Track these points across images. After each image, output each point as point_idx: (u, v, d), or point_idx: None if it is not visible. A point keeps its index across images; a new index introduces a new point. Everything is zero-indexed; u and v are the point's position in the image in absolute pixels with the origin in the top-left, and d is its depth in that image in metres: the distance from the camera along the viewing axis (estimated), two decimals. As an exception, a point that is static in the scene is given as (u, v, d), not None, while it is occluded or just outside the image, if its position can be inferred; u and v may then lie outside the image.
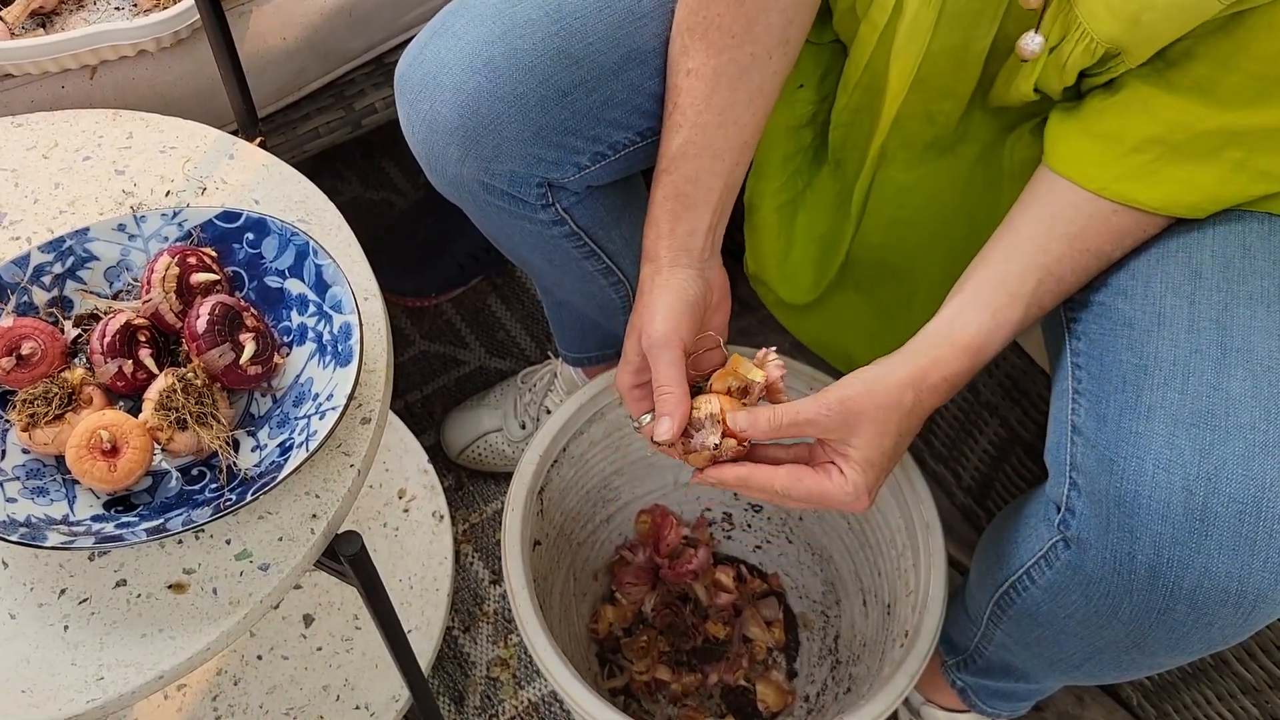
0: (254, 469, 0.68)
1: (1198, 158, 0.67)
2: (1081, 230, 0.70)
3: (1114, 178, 0.68)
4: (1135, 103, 0.68)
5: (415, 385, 1.41)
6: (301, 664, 1.02)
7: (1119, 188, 0.68)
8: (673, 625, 1.16)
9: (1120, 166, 0.68)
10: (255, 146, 0.86)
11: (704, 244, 0.78)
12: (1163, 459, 0.62)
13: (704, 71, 0.75)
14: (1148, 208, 0.69)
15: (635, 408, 0.79)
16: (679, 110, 0.76)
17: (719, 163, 0.76)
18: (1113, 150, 0.68)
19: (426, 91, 0.77)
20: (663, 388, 0.73)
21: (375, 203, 1.58)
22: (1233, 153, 0.66)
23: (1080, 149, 0.70)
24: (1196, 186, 0.68)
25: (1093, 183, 0.69)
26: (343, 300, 0.72)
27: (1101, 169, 0.69)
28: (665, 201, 0.76)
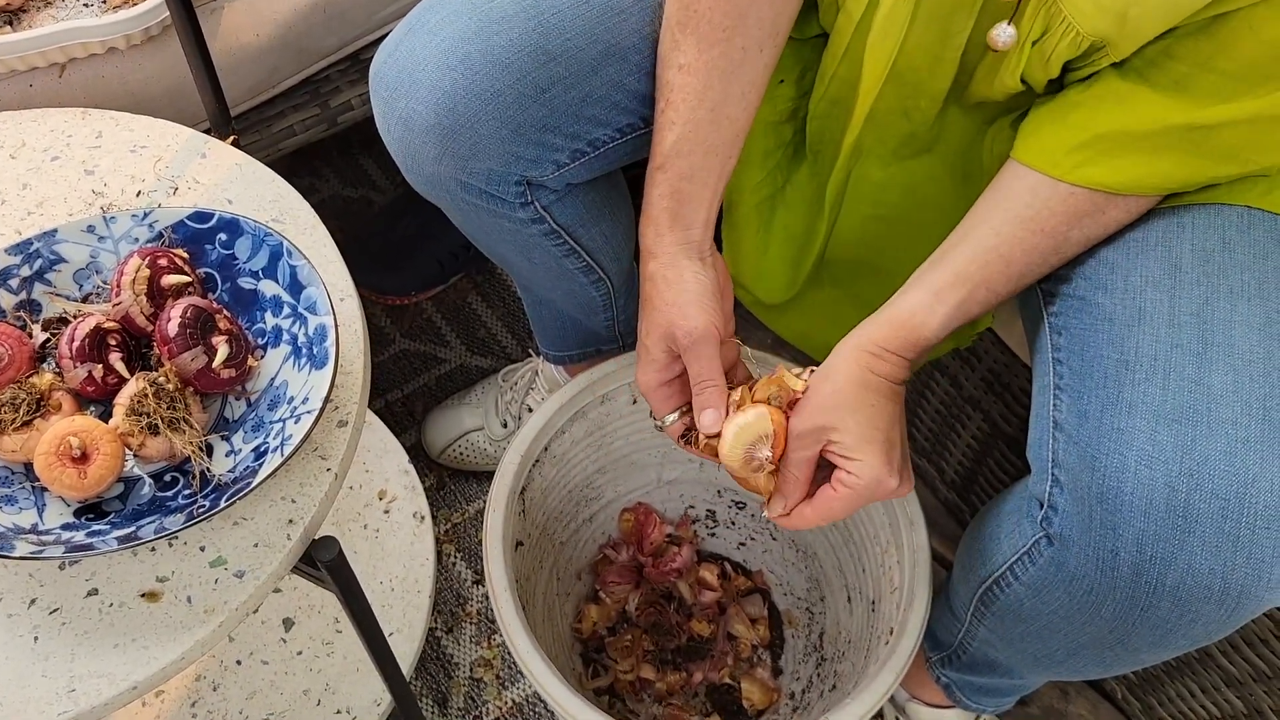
0: (228, 474, 0.67)
1: (1161, 148, 0.67)
2: (1036, 213, 0.70)
3: (1074, 164, 0.68)
4: (1110, 97, 0.68)
5: (396, 384, 1.39)
6: (281, 668, 1.01)
7: (1079, 172, 0.68)
8: (657, 624, 1.16)
9: (1081, 153, 0.68)
10: (228, 145, 0.85)
11: (702, 237, 0.77)
12: (1145, 455, 0.62)
13: (696, 66, 0.74)
14: (1106, 189, 0.68)
15: (663, 406, 0.79)
16: (672, 107, 0.75)
17: (714, 158, 0.76)
18: (1075, 137, 0.68)
19: (402, 89, 0.76)
20: (706, 382, 0.74)
21: (354, 200, 1.57)
22: (1197, 141, 0.66)
23: (1046, 139, 0.70)
24: (1157, 170, 0.68)
25: (1054, 169, 0.69)
26: (317, 301, 0.71)
27: (1063, 155, 0.69)
28: (663, 200, 0.76)
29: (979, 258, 0.71)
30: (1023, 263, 0.71)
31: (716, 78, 0.74)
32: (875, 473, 0.70)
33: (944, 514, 1.30)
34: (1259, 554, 0.60)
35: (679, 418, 0.79)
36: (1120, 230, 0.72)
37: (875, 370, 0.72)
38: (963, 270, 0.71)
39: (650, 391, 0.79)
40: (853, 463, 0.71)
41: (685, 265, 0.76)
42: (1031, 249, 0.71)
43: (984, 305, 0.72)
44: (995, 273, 0.71)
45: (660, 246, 0.76)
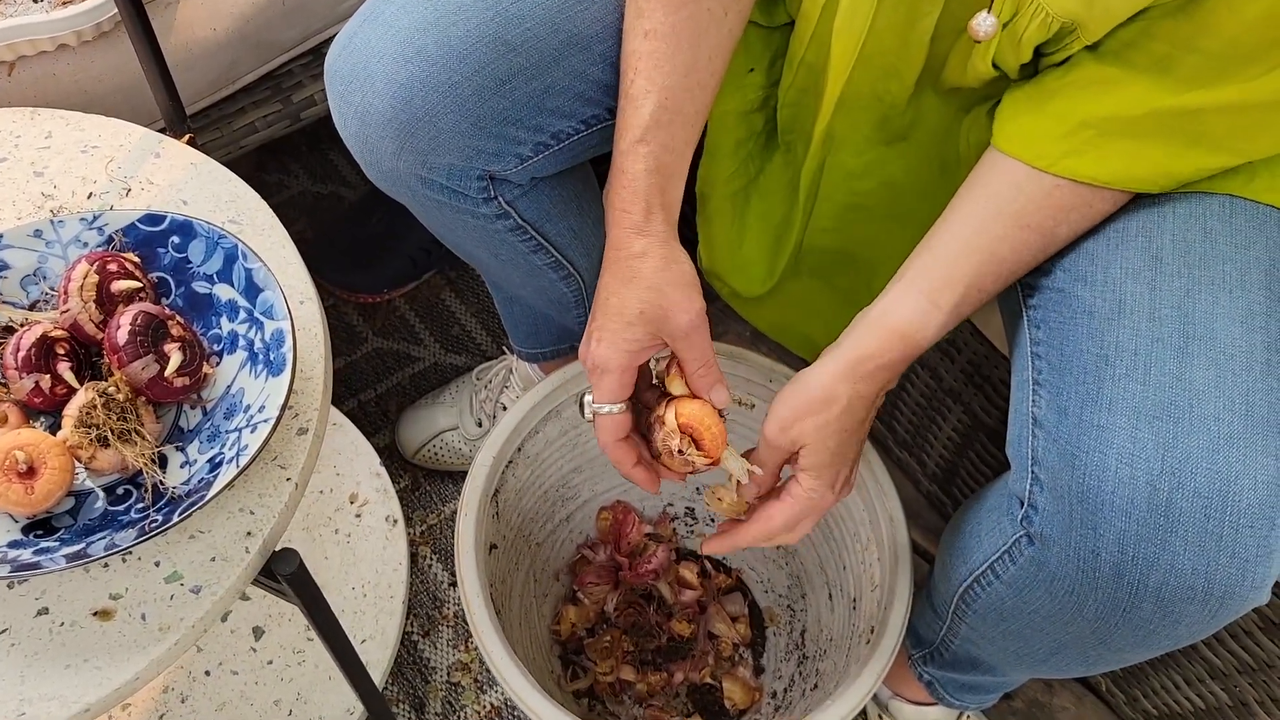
0: (182, 486, 0.64)
1: (1149, 134, 0.65)
2: (1023, 209, 0.68)
3: (1061, 154, 0.66)
4: (1091, 82, 0.66)
5: (368, 383, 1.37)
6: (252, 678, 0.99)
7: (1066, 164, 0.66)
8: (636, 624, 1.14)
9: (1067, 142, 0.66)
10: (183, 144, 0.82)
11: (677, 216, 0.75)
12: (1125, 453, 0.60)
13: (663, 30, 0.71)
14: (1095, 182, 0.67)
15: (613, 392, 0.74)
16: (642, 75, 0.72)
17: (689, 130, 0.74)
18: (1060, 126, 0.66)
19: (357, 83, 0.74)
20: (710, 363, 0.73)
21: (323, 196, 1.54)
22: (1186, 128, 0.64)
23: (1027, 127, 0.68)
24: (1146, 160, 0.66)
25: (1039, 160, 0.67)
26: (274, 305, 0.68)
27: (1049, 145, 0.67)
28: (649, 175, 0.72)
29: (969, 257, 0.69)
30: (1012, 261, 0.70)
31: (685, 41, 0.72)
32: (822, 491, 0.74)
33: (926, 507, 1.29)
34: (1243, 553, 0.58)
35: (619, 411, 0.75)
36: (1101, 221, 0.70)
37: (862, 394, 0.72)
38: (953, 272, 0.70)
39: (618, 372, 0.73)
40: (806, 476, 0.73)
41: (676, 249, 0.73)
42: (1020, 245, 0.69)
43: (975, 306, 0.71)
44: (987, 273, 0.69)
45: (651, 225, 0.73)
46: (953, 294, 0.70)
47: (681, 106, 0.72)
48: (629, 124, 0.73)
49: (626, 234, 0.73)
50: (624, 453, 0.76)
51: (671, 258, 0.73)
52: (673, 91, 0.72)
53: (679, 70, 0.72)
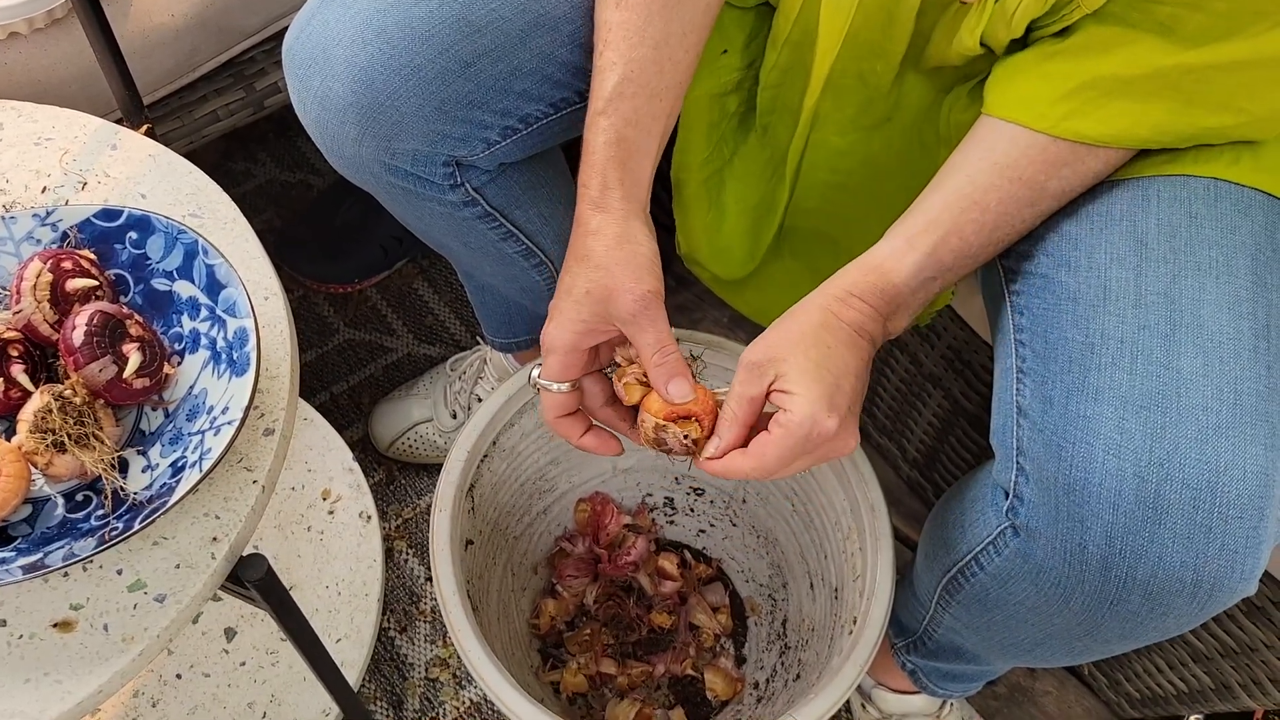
0: (144, 492, 0.62)
1: (1151, 93, 0.63)
2: (1014, 160, 0.66)
3: (1062, 115, 0.64)
4: (1093, 45, 0.64)
5: (341, 376, 1.35)
6: (224, 681, 0.97)
7: (1068, 125, 0.64)
8: (616, 617, 1.13)
9: (1068, 103, 0.64)
10: (141, 135, 0.80)
11: (646, 199, 0.72)
12: (1112, 444, 0.59)
13: (636, 2, 0.69)
14: (1096, 142, 0.65)
15: (560, 372, 0.71)
16: (611, 47, 0.70)
17: (657, 104, 0.71)
18: (1059, 87, 0.65)
19: (316, 66, 0.71)
20: (667, 348, 0.68)
21: (292, 185, 1.51)
22: (1187, 86, 0.63)
23: (1024, 90, 0.66)
24: (1147, 119, 0.64)
25: (1039, 121, 0.65)
26: (237, 302, 0.66)
27: (1049, 107, 0.65)
28: (609, 148, 0.70)
29: (953, 204, 0.67)
30: (997, 211, 0.67)
31: (657, 13, 0.69)
32: (811, 409, 0.63)
33: (907, 493, 1.28)
34: (1232, 544, 0.57)
35: (567, 389, 0.72)
36: (1084, 204, 0.68)
37: (839, 315, 0.67)
38: (935, 216, 0.67)
39: (563, 352, 0.70)
40: (790, 397, 0.64)
41: (635, 226, 0.70)
42: (1007, 197, 0.67)
43: (956, 254, 0.68)
44: (969, 220, 0.67)
45: (609, 201, 0.70)
46: (929, 236, 0.67)
47: (649, 80, 0.70)
48: (594, 96, 0.71)
49: (584, 210, 0.70)
50: (568, 428, 0.73)
51: (626, 236, 0.69)
52: (640, 64, 0.70)
53: (649, 43, 0.69)
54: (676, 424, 0.68)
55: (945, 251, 0.67)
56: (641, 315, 0.67)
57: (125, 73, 0.82)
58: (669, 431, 0.68)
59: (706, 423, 0.69)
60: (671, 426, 0.68)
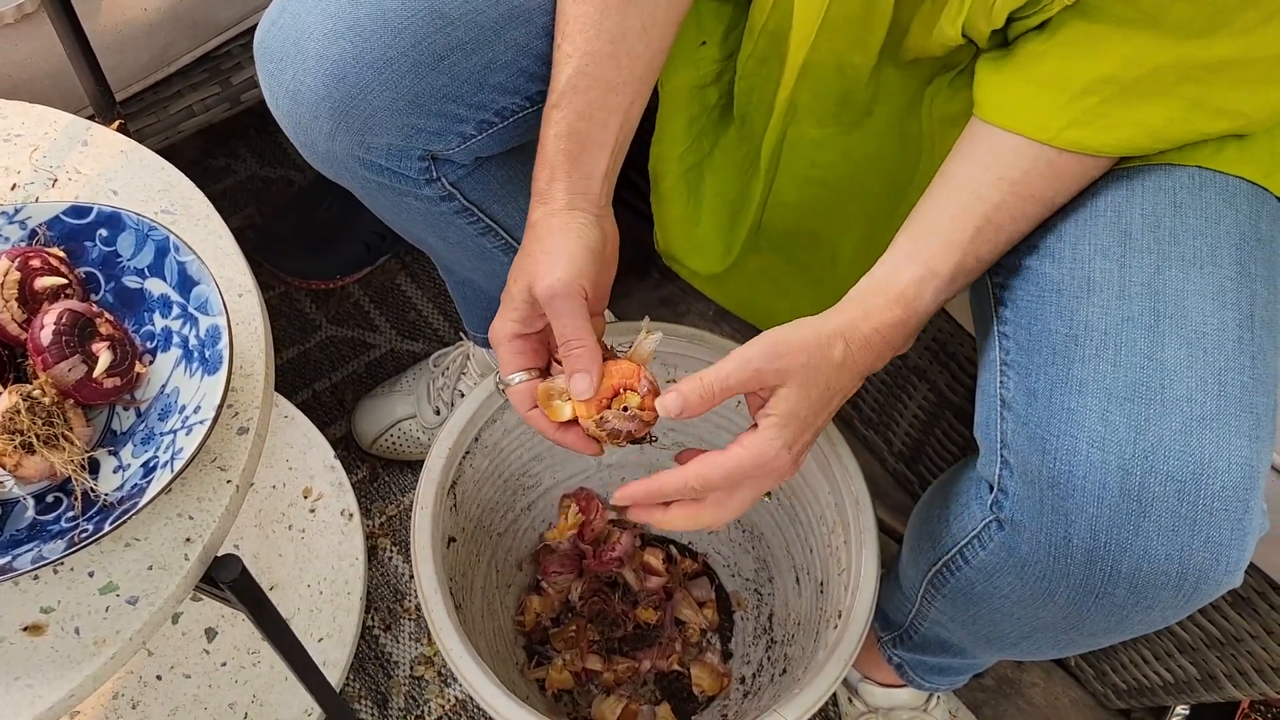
0: (115, 493, 0.61)
1: (1151, 95, 0.62)
2: (1024, 175, 0.65)
3: (1064, 125, 0.63)
4: (1080, 42, 0.63)
5: (323, 373, 1.33)
6: (205, 681, 0.96)
7: (1070, 135, 0.63)
8: (602, 612, 1.12)
9: (1069, 112, 0.63)
10: (113, 131, 0.78)
11: (600, 189, 0.71)
12: (1096, 436, 0.58)
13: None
14: (1100, 152, 0.64)
15: (511, 363, 0.70)
16: (568, 39, 0.70)
17: (613, 98, 0.70)
18: (1059, 95, 0.63)
19: (288, 60, 0.70)
20: (573, 341, 0.66)
21: (272, 180, 1.49)
22: (1187, 89, 0.62)
23: (1023, 98, 0.65)
24: (1148, 127, 0.63)
25: (1041, 132, 0.64)
26: (209, 300, 0.65)
27: (1050, 117, 0.64)
28: (559, 140, 0.69)
29: (968, 224, 0.66)
30: (1010, 229, 0.66)
31: (615, 6, 0.69)
32: (776, 454, 0.63)
33: (893, 485, 1.28)
34: (1217, 537, 0.57)
35: (527, 379, 0.71)
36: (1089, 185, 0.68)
37: (857, 357, 0.66)
38: (952, 238, 0.66)
39: (502, 343, 0.70)
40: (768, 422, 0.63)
41: (573, 217, 0.69)
42: (1019, 214, 0.66)
43: (972, 275, 0.67)
44: (984, 239, 0.66)
45: (552, 192, 0.69)
46: (949, 258, 0.66)
47: (604, 73, 0.69)
48: (550, 89, 0.70)
49: (532, 201, 0.70)
50: (540, 422, 0.71)
51: (561, 226, 0.68)
52: (595, 57, 0.69)
53: (604, 36, 0.69)
54: (611, 409, 0.66)
55: (961, 274, 0.66)
56: (550, 305, 0.66)
57: (96, 68, 0.81)
58: (610, 419, 0.66)
59: (640, 387, 0.67)
60: (609, 413, 0.66)
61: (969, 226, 0.65)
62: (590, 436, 0.69)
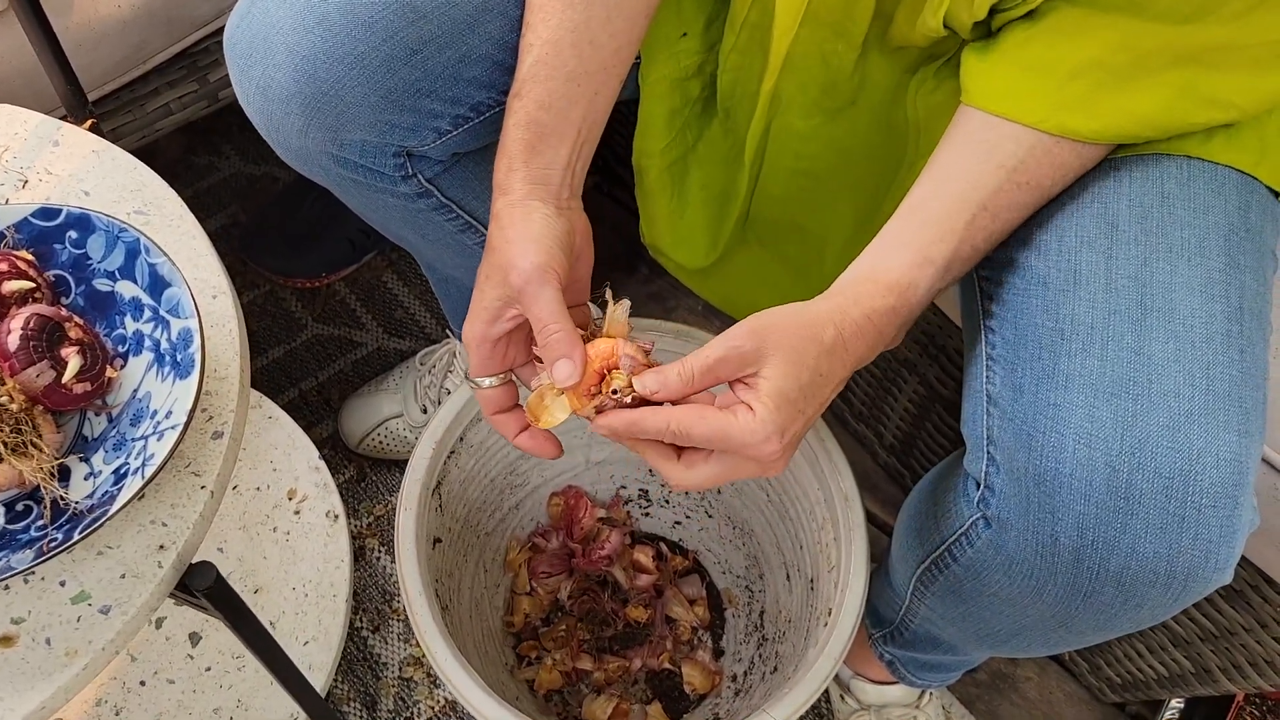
0: (85, 501, 0.60)
1: (1138, 81, 0.61)
2: (1021, 163, 0.63)
3: (1053, 108, 0.62)
4: (1066, 27, 0.62)
5: (309, 372, 1.32)
6: (189, 686, 0.95)
7: (1059, 118, 0.62)
8: (592, 612, 1.11)
9: (1058, 96, 0.61)
10: (85, 131, 0.77)
11: (562, 180, 0.68)
12: (1083, 433, 0.57)
13: None
14: (1091, 139, 0.63)
15: (484, 365, 0.68)
16: (531, 29, 0.68)
17: (575, 88, 0.68)
18: (1048, 80, 0.62)
19: (257, 55, 0.69)
20: (549, 327, 0.62)
21: (256, 178, 1.48)
22: (1177, 75, 0.60)
23: (1012, 83, 0.63)
24: (1138, 115, 0.62)
25: (1030, 116, 0.62)
26: (181, 303, 0.64)
27: (1038, 101, 0.62)
28: (517, 130, 0.67)
29: (962, 211, 0.63)
30: (1005, 218, 0.64)
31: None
32: (765, 437, 0.58)
33: (884, 479, 1.27)
34: (1205, 534, 0.56)
35: (498, 383, 0.68)
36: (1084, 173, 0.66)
37: (849, 344, 0.62)
38: (948, 225, 0.63)
39: (475, 345, 0.67)
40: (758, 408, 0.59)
41: (535, 207, 0.66)
42: (1015, 202, 0.64)
43: (965, 263, 0.65)
44: (980, 228, 0.64)
45: (511, 182, 0.67)
46: (944, 247, 0.63)
47: (564, 62, 0.67)
48: (514, 79, 0.68)
49: (494, 197, 0.68)
50: (506, 425, 0.69)
51: (525, 216, 0.65)
52: (555, 46, 0.67)
53: (566, 25, 0.67)
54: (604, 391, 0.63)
55: (957, 263, 0.64)
56: (525, 291, 0.63)
57: (66, 66, 0.80)
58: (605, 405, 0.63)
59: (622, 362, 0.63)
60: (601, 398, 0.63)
61: (964, 214, 0.63)
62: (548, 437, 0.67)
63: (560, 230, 0.66)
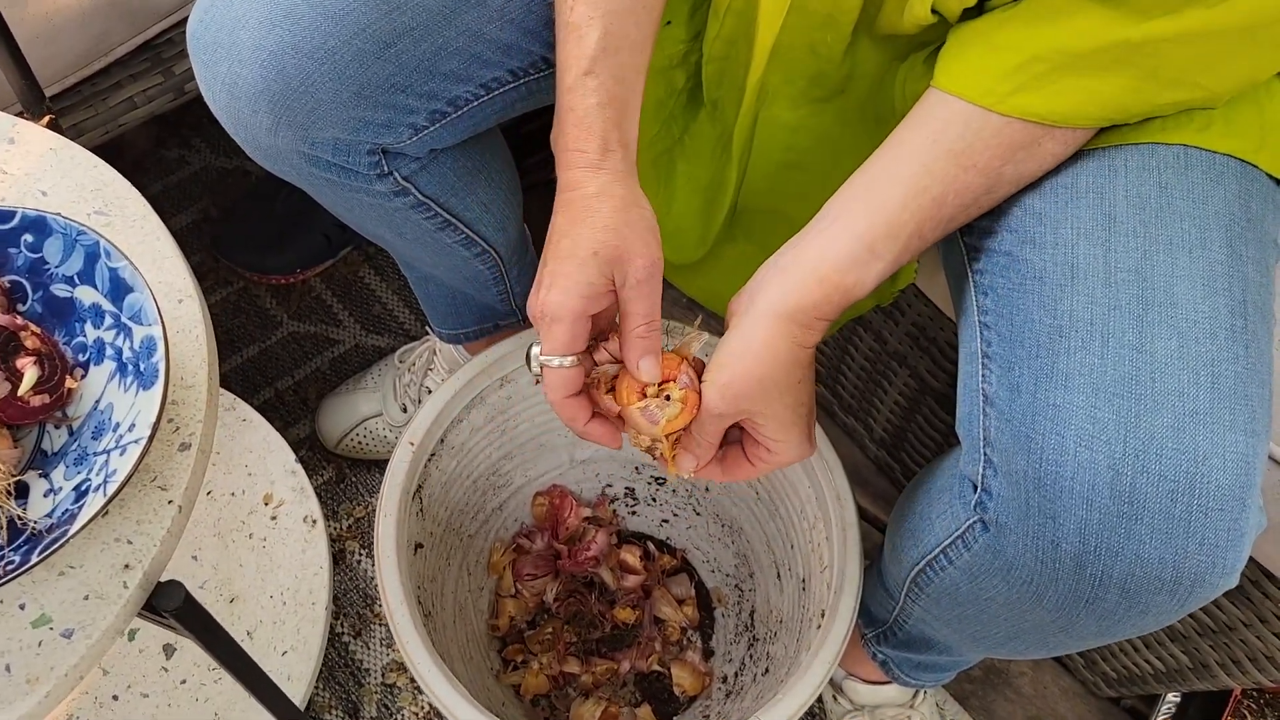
0: (45, 520, 0.57)
1: (1103, 68, 0.59)
2: (968, 147, 0.61)
3: (1009, 90, 0.60)
4: (1042, 12, 0.59)
5: (285, 371, 1.29)
6: (164, 700, 0.92)
7: (1015, 100, 0.60)
8: (578, 614, 1.09)
9: (1015, 78, 0.60)
10: (42, 128, 0.74)
11: (635, 155, 0.67)
12: (1085, 434, 0.55)
13: None
14: (1045, 120, 0.60)
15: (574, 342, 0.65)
16: (582, 2, 0.65)
17: (639, 58, 0.66)
18: (1008, 60, 0.60)
19: (223, 50, 0.66)
20: (654, 323, 0.64)
21: (229, 172, 1.45)
22: (1145, 61, 0.58)
23: (973, 63, 0.61)
24: (1099, 97, 0.60)
25: (985, 97, 0.60)
26: (143, 309, 0.61)
27: (996, 82, 0.60)
28: (603, 109, 0.64)
29: (911, 203, 0.62)
30: (954, 205, 0.63)
31: None
32: (797, 451, 0.67)
33: (875, 472, 1.25)
34: (1212, 538, 0.54)
35: (576, 362, 0.65)
36: (1049, 176, 0.64)
37: (803, 344, 0.64)
38: (896, 217, 0.62)
39: (570, 319, 0.63)
40: (776, 443, 0.67)
41: (637, 189, 0.65)
42: (964, 188, 0.62)
43: (914, 254, 0.64)
44: (927, 217, 0.63)
45: (609, 162, 0.64)
46: (894, 243, 0.62)
47: (628, 32, 0.65)
48: (573, 56, 0.65)
49: (581, 174, 0.65)
50: (577, 410, 0.67)
51: (632, 199, 0.65)
52: (618, 16, 0.65)
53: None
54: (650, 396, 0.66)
55: (906, 254, 0.64)
56: (645, 284, 0.64)
57: (21, 60, 0.76)
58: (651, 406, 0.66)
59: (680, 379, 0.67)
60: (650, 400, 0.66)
61: (912, 204, 0.62)
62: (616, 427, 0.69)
63: (653, 213, 0.66)
